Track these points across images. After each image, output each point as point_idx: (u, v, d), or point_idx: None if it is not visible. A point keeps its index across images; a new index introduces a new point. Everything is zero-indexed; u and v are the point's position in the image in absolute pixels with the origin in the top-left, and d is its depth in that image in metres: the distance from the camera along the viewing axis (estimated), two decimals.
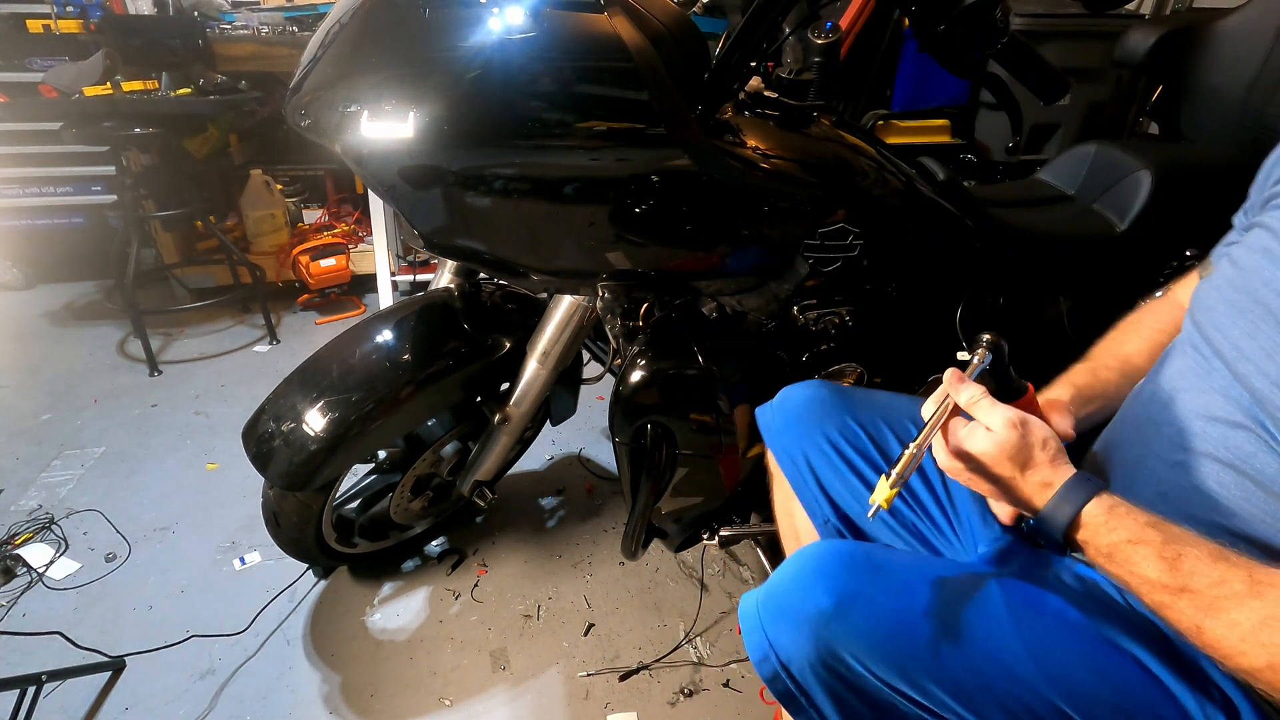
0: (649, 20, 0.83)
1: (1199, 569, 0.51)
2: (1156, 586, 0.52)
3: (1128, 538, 0.53)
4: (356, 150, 0.84)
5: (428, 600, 1.39)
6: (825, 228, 0.96)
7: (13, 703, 1.08)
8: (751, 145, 0.91)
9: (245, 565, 1.45)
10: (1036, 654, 0.57)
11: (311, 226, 2.76)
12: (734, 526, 1.22)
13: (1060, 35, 2.12)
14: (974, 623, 0.59)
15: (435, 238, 0.92)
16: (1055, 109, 2.24)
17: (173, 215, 2.28)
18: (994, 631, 0.58)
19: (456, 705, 1.19)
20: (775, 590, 0.63)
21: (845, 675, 0.58)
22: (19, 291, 2.73)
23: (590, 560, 1.49)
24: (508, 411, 1.19)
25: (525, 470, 1.75)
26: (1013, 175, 2.14)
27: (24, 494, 1.65)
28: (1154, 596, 0.52)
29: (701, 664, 1.27)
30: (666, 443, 1.05)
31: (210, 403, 2.03)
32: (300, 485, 1.09)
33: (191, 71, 2.26)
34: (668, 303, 0.99)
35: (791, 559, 0.64)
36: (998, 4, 0.83)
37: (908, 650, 0.57)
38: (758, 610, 0.63)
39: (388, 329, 1.14)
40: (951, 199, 1.08)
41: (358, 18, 0.84)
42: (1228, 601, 0.49)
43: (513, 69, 0.78)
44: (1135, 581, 0.53)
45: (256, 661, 1.25)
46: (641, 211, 0.88)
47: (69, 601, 1.37)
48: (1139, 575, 0.53)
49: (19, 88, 2.33)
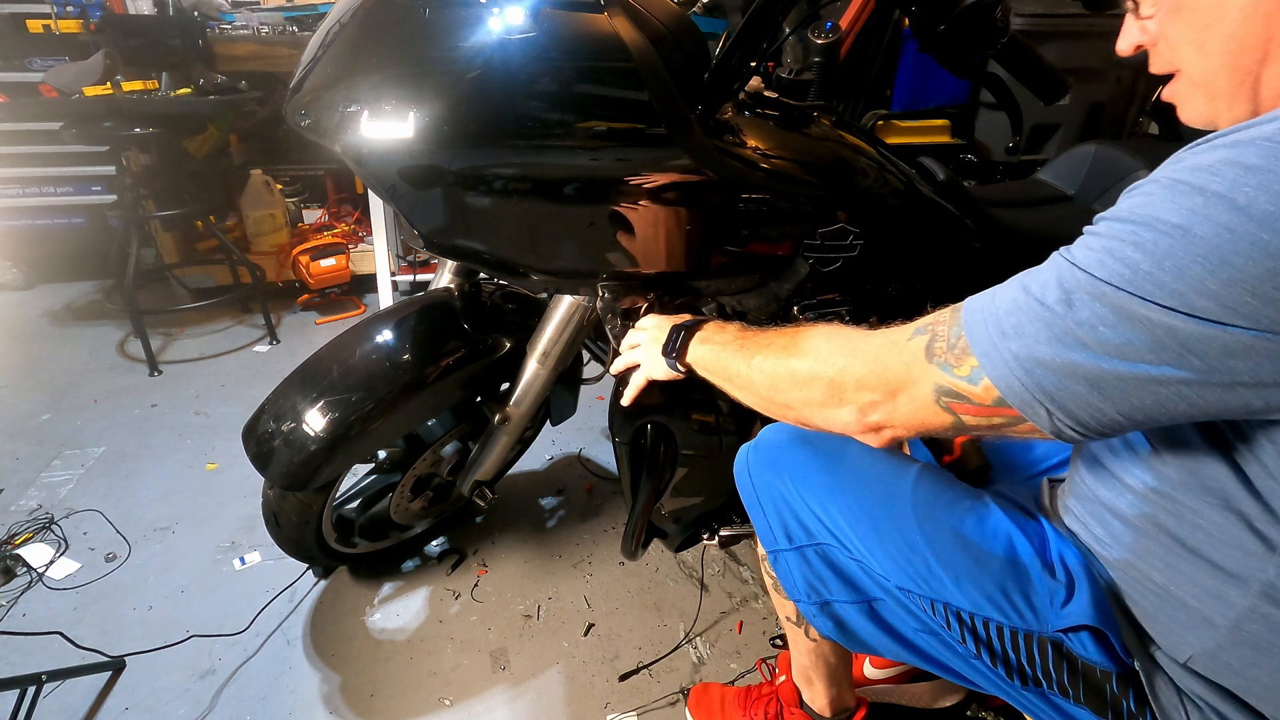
0: (649, 20, 0.83)
1: (759, 338, 0.72)
2: (735, 365, 0.72)
3: (724, 332, 0.78)
4: (356, 150, 0.84)
5: (428, 600, 1.39)
6: (825, 228, 0.96)
7: (13, 703, 1.08)
8: (751, 145, 0.91)
9: (245, 565, 1.45)
10: (918, 502, 0.70)
11: (311, 226, 2.76)
12: (734, 526, 1.22)
13: (1060, 35, 2.12)
14: (881, 476, 0.74)
15: (435, 238, 0.92)
16: (1055, 109, 2.24)
17: (173, 215, 2.28)
18: (893, 484, 0.73)
19: (456, 705, 1.19)
20: (760, 437, 0.84)
21: (785, 495, 0.78)
22: (19, 291, 2.73)
23: (590, 560, 1.49)
24: (508, 411, 1.19)
25: (525, 470, 1.75)
26: (1013, 175, 2.14)
27: (24, 494, 1.65)
28: (736, 371, 0.72)
29: (701, 664, 1.27)
30: (666, 443, 1.05)
31: (210, 403, 2.03)
32: (300, 485, 1.09)
33: (191, 71, 2.26)
34: (668, 303, 0.99)
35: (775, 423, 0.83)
36: (998, 4, 0.83)
37: (823, 481, 0.75)
38: (746, 450, 0.85)
39: (388, 329, 1.14)
40: (951, 199, 1.08)
41: (358, 18, 0.84)
42: (761, 351, 0.70)
43: (513, 69, 0.78)
44: (725, 365, 0.75)
45: (256, 661, 1.25)
46: (642, 211, 0.88)
47: (69, 601, 1.37)
48: (727, 361, 0.74)
49: (19, 88, 2.33)
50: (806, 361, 0.65)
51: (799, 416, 0.68)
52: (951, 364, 0.54)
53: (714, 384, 0.79)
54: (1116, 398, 0.46)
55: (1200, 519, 0.53)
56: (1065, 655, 0.63)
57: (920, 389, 0.55)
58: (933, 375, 0.55)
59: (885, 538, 0.70)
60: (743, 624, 1.34)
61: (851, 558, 0.73)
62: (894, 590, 0.71)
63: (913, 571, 0.68)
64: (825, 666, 0.99)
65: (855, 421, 0.61)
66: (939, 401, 0.55)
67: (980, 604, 0.65)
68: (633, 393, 0.93)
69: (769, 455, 0.81)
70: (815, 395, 0.64)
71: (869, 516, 0.72)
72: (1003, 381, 0.50)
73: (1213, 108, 0.53)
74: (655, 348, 0.86)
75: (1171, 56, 0.55)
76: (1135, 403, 0.46)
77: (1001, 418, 0.53)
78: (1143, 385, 0.45)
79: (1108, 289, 0.45)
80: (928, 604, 0.68)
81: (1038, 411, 0.49)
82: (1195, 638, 0.56)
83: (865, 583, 0.73)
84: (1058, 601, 0.63)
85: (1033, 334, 0.48)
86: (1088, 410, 0.48)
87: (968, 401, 0.53)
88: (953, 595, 0.66)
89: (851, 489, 0.73)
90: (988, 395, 0.52)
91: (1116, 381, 0.46)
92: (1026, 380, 0.49)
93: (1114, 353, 0.45)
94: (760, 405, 0.72)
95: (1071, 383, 0.47)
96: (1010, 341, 0.50)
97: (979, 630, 0.66)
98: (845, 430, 0.63)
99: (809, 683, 1.03)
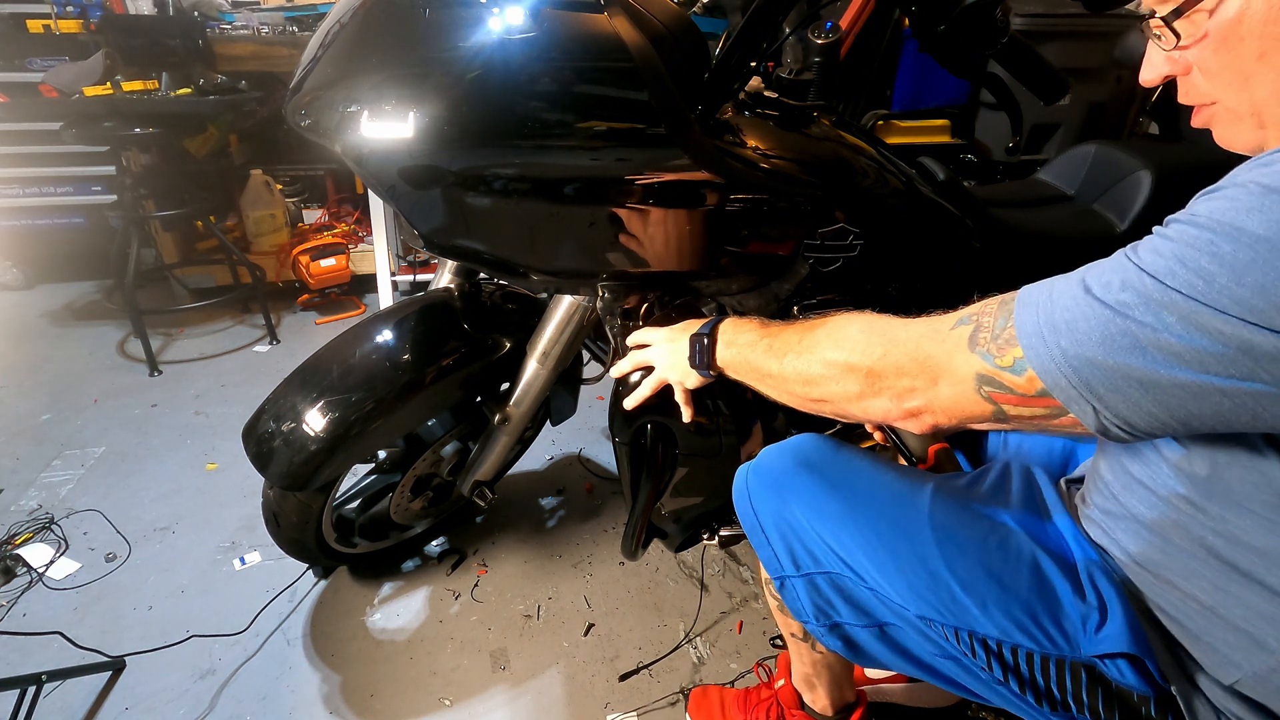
0: (649, 20, 0.82)
1: (786, 334, 0.72)
2: (766, 364, 0.73)
3: (747, 332, 0.78)
4: (356, 150, 0.84)
5: (428, 600, 1.39)
6: (825, 228, 0.96)
7: (13, 703, 1.08)
8: (751, 145, 0.91)
9: (245, 565, 1.45)
10: (936, 525, 0.68)
11: (311, 226, 2.76)
12: (734, 526, 1.22)
13: (1060, 35, 2.12)
14: (895, 501, 0.72)
15: (435, 238, 0.92)
16: (1055, 109, 2.24)
17: (173, 215, 2.28)
18: (909, 509, 0.70)
19: (456, 705, 1.19)
20: (760, 461, 0.81)
21: (792, 522, 0.75)
22: (19, 291, 2.73)
23: (590, 560, 1.49)
24: (508, 411, 1.19)
25: (525, 470, 1.75)
26: (1013, 175, 2.14)
27: (24, 494, 1.65)
28: (769, 371, 0.72)
29: (701, 664, 1.27)
30: (666, 443, 1.05)
31: (210, 403, 2.03)
32: (300, 485, 1.08)
33: (191, 71, 2.26)
34: (668, 303, 0.99)
35: (774, 445, 0.82)
36: (998, 4, 0.83)
37: (834, 508, 0.73)
38: (745, 472, 0.82)
39: (388, 329, 1.14)
40: (951, 199, 1.08)
41: (357, 18, 0.84)
42: (792, 349, 0.70)
43: (513, 69, 0.78)
44: (756, 365, 0.75)
45: (256, 661, 1.25)
46: (642, 211, 0.88)
47: (69, 601, 1.37)
48: (757, 362, 0.74)
49: (19, 88, 2.33)
50: (842, 354, 0.65)
51: (836, 409, 0.68)
52: (994, 354, 0.54)
53: (744, 384, 0.79)
54: (1173, 404, 0.46)
55: (1253, 539, 0.52)
56: (1099, 680, 0.62)
57: (961, 377, 0.56)
58: (974, 364, 0.55)
59: (904, 566, 0.68)
60: (743, 624, 1.34)
61: (866, 586, 0.71)
62: (913, 619, 0.68)
63: (935, 601, 0.66)
64: (829, 673, 0.99)
65: (895, 407, 0.61)
66: (980, 390, 0.55)
67: (1009, 631, 0.63)
68: (641, 397, 0.93)
69: (771, 479, 0.78)
70: (853, 387, 0.64)
71: (886, 546, 0.69)
72: (1049, 376, 0.50)
73: (1262, 135, 0.52)
74: (675, 357, 0.86)
75: (1209, 87, 0.53)
76: (1193, 410, 0.45)
77: (1044, 409, 0.52)
78: (1205, 394, 0.44)
79: (1177, 297, 0.44)
80: (951, 632, 0.66)
81: (1084, 408, 0.49)
82: (1245, 660, 0.54)
83: (879, 610, 0.72)
84: (1091, 626, 0.61)
85: (1085, 331, 0.48)
86: (1138, 413, 0.47)
87: (1010, 392, 0.53)
88: (979, 623, 0.64)
89: (865, 516, 0.71)
90: (1031, 386, 0.52)
91: (1175, 389, 0.45)
92: (1074, 377, 0.48)
93: (1177, 361, 0.44)
94: (794, 402, 0.72)
95: (1124, 385, 0.47)
96: (1061, 336, 0.49)
97: (1006, 657, 0.64)
98: (885, 417, 0.62)
99: (811, 687, 1.03)
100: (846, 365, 0.64)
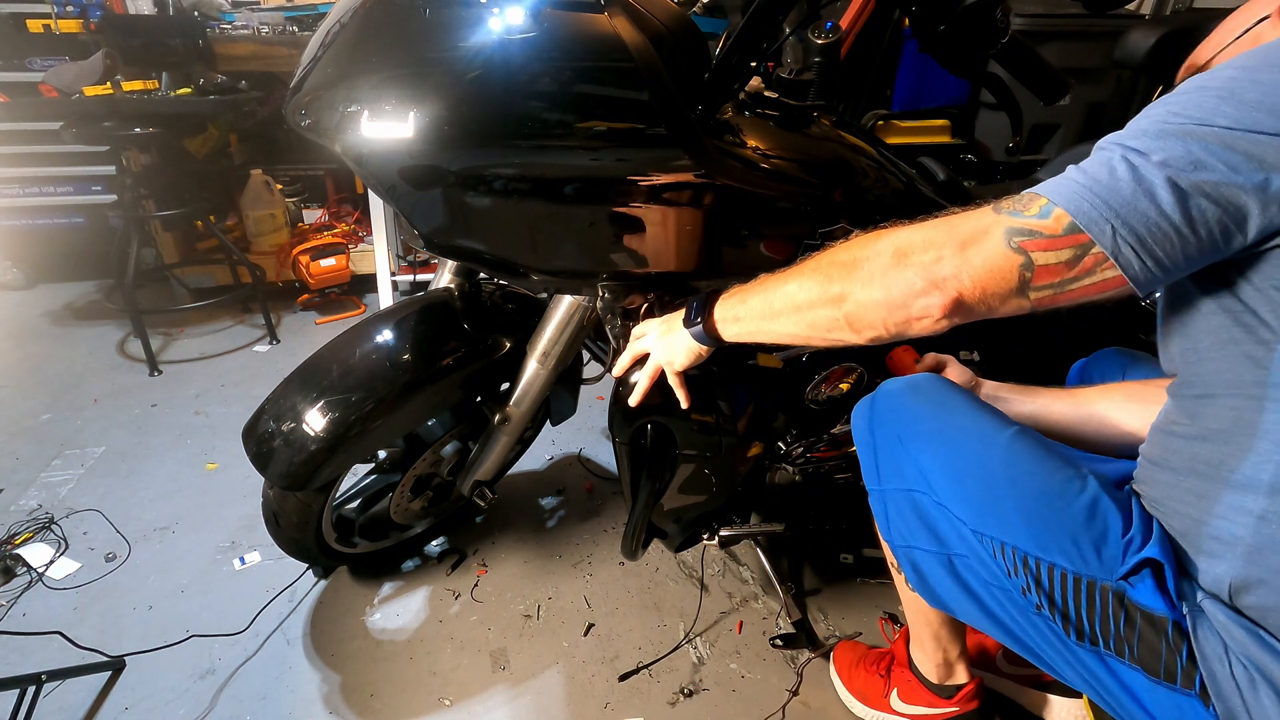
0: (649, 20, 0.83)
1: (788, 270, 0.75)
2: (771, 295, 0.75)
3: (744, 286, 0.80)
4: (357, 150, 0.84)
5: (428, 600, 1.39)
6: (825, 228, 0.96)
7: (13, 703, 1.08)
8: (752, 145, 0.91)
9: (245, 565, 1.45)
10: (1011, 453, 0.73)
11: (311, 226, 2.77)
12: (734, 526, 1.23)
13: (1060, 35, 2.12)
14: (980, 426, 0.76)
15: (435, 238, 0.92)
16: (1055, 109, 2.25)
17: (173, 215, 2.28)
18: (992, 435, 0.75)
19: (456, 705, 1.19)
20: (883, 389, 0.86)
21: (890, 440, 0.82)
22: (19, 291, 2.73)
23: (590, 560, 1.49)
24: (508, 411, 1.19)
25: (525, 470, 1.75)
26: (1013, 175, 2.13)
27: (24, 494, 1.65)
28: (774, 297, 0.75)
29: (701, 664, 1.27)
30: (666, 443, 1.05)
31: (210, 403, 2.03)
32: (300, 485, 1.08)
33: (191, 71, 2.26)
34: (668, 303, 0.99)
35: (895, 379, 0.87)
36: (998, 4, 0.83)
37: (926, 427, 0.79)
38: (870, 399, 0.87)
39: (388, 329, 1.14)
40: (951, 199, 1.08)
41: (358, 18, 0.84)
42: (796, 276, 0.73)
43: (513, 69, 0.78)
44: (753, 320, 0.78)
45: (256, 661, 1.25)
46: (642, 211, 0.88)
47: (69, 601, 1.37)
48: (762, 295, 0.77)
49: (19, 88, 2.33)
50: (865, 246, 0.67)
51: (856, 302, 0.66)
52: (1020, 209, 0.59)
53: (748, 338, 0.80)
54: (1180, 211, 0.52)
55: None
56: (1125, 606, 0.65)
57: (991, 236, 0.59)
58: (1003, 221, 0.59)
59: (967, 480, 0.73)
60: (743, 624, 1.34)
61: (937, 502, 0.76)
62: (968, 535, 0.73)
63: (985, 512, 0.71)
64: (929, 629, 1.01)
65: (920, 278, 0.62)
66: (1010, 243, 0.58)
67: (1048, 547, 0.68)
68: (642, 389, 0.93)
69: (890, 402, 0.84)
70: (877, 266, 0.65)
71: (957, 459, 0.75)
72: (1072, 204, 0.56)
73: None
74: (671, 334, 0.88)
75: None
76: (1203, 207, 0.52)
77: (1071, 249, 0.56)
78: (1209, 191, 0.52)
79: (1173, 127, 0.53)
80: (997, 547, 0.71)
81: (1104, 229, 0.54)
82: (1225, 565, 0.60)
83: (946, 532, 0.76)
84: (1132, 552, 0.66)
85: (1095, 169, 0.56)
86: (1149, 227, 0.53)
87: (1039, 235, 0.57)
88: (1020, 537, 0.69)
89: (950, 435, 0.77)
90: (1058, 224, 0.56)
91: (1183, 192, 0.52)
92: (1095, 200, 0.55)
93: (1185, 167, 0.52)
94: (808, 320, 0.72)
95: (1136, 199, 0.53)
96: (1078, 176, 0.57)
97: (1042, 578, 0.68)
98: (908, 291, 0.62)
99: (919, 643, 1.06)
100: (870, 252, 0.66)
